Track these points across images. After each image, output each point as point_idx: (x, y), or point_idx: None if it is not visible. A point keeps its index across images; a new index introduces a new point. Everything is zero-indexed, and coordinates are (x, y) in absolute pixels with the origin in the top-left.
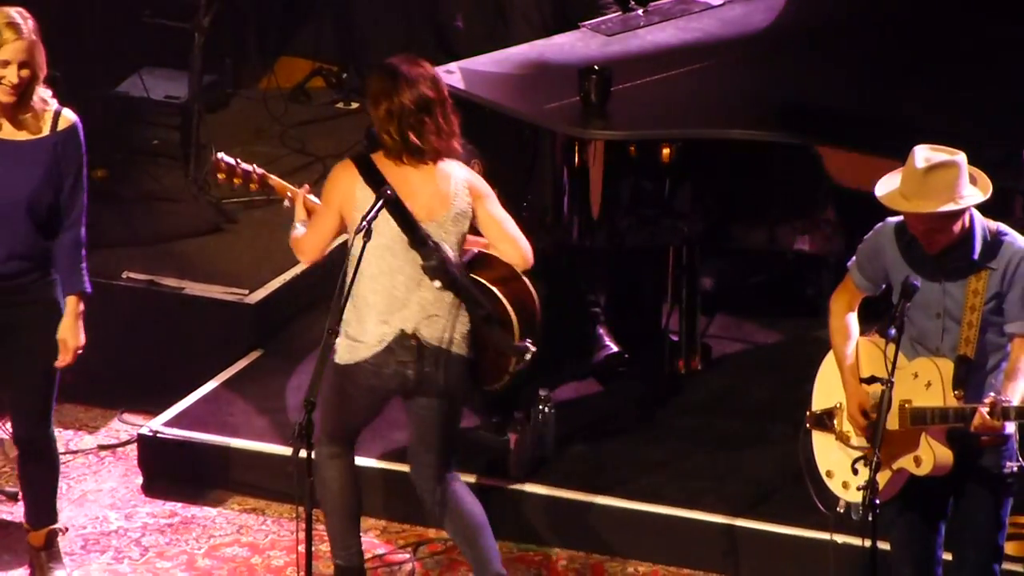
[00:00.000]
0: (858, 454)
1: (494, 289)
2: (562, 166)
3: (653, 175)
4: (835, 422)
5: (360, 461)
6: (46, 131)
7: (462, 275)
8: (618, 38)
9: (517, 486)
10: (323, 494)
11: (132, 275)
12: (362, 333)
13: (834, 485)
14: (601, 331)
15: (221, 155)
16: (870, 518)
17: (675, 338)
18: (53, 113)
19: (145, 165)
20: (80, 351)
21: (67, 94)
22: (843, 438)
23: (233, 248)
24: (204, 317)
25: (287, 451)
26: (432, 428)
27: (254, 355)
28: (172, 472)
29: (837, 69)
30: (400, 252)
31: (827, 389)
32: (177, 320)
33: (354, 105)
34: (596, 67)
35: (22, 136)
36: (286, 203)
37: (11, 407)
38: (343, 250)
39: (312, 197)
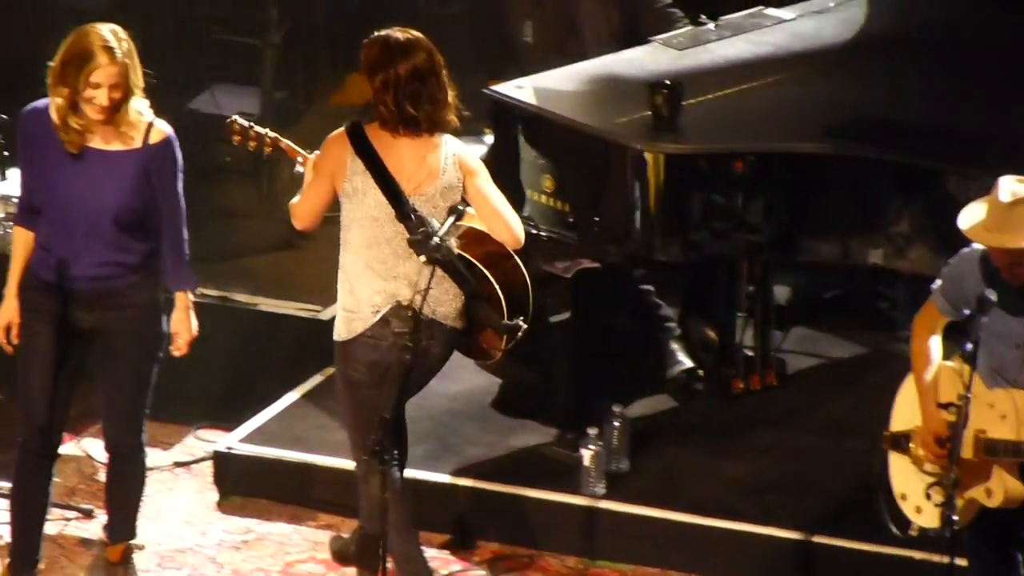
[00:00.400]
0: (931, 480)
1: (480, 266)
2: (633, 180)
3: (725, 189)
4: (911, 445)
5: (431, 476)
6: (137, 143)
7: (446, 251)
8: (689, 52)
9: (590, 502)
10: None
11: (206, 291)
12: (356, 304)
13: (907, 508)
14: (674, 346)
15: (236, 117)
16: (948, 535)
17: (749, 353)
18: (146, 125)
19: (217, 181)
20: (191, 340)
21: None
22: (918, 462)
23: (306, 264)
24: (278, 333)
25: None
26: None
27: (328, 371)
28: (247, 488)
29: (911, 82)
30: (387, 223)
31: (906, 410)
32: (251, 336)
33: None
34: (667, 81)
35: (114, 147)
36: (297, 168)
37: (103, 412)
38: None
39: (285, 140)
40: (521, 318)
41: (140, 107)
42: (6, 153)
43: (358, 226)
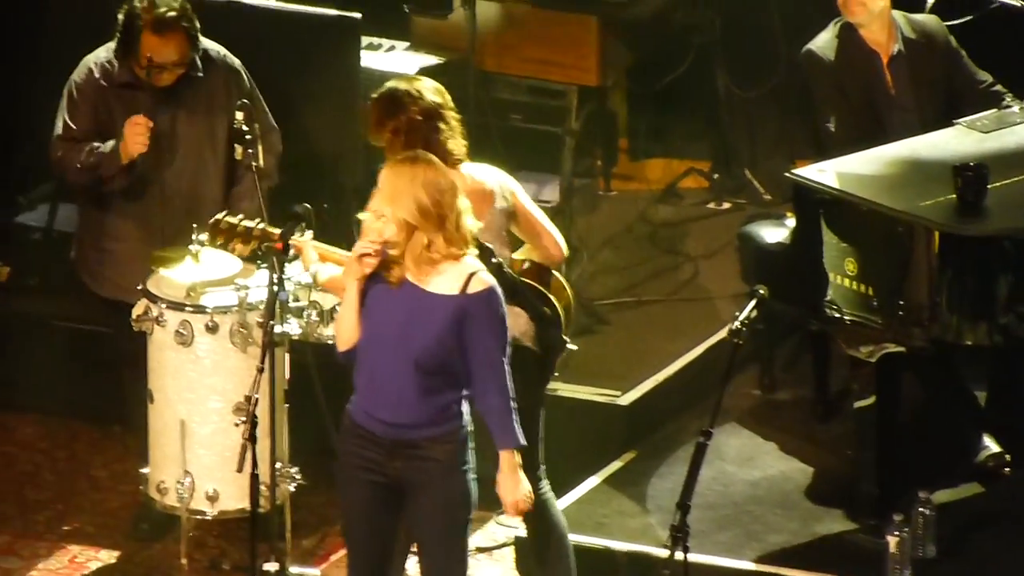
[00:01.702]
0: None
1: (540, 288)
2: (938, 263)
3: None
4: None
5: (734, 563)
6: (455, 290)
7: (511, 277)
8: (993, 135)
9: None
10: None
11: None
12: None
13: None
14: (981, 431)
15: (223, 216)
16: None
17: None
18: (468, 273)
19: None
20: (522, 503)
21: None
22: None
23: (605, 349)
24: (577, 418)
25: (662, 553)
26: None
27: (627, 456)
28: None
29: None
30: None
31: None
32: (550, 421)
33: (726, 205)
34: (972, 164)
35: (432, 287)
36: (312, 267)
37: (420, 567)
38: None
39: (320, 244)
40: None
41: (471, 258)
42: None
43: None
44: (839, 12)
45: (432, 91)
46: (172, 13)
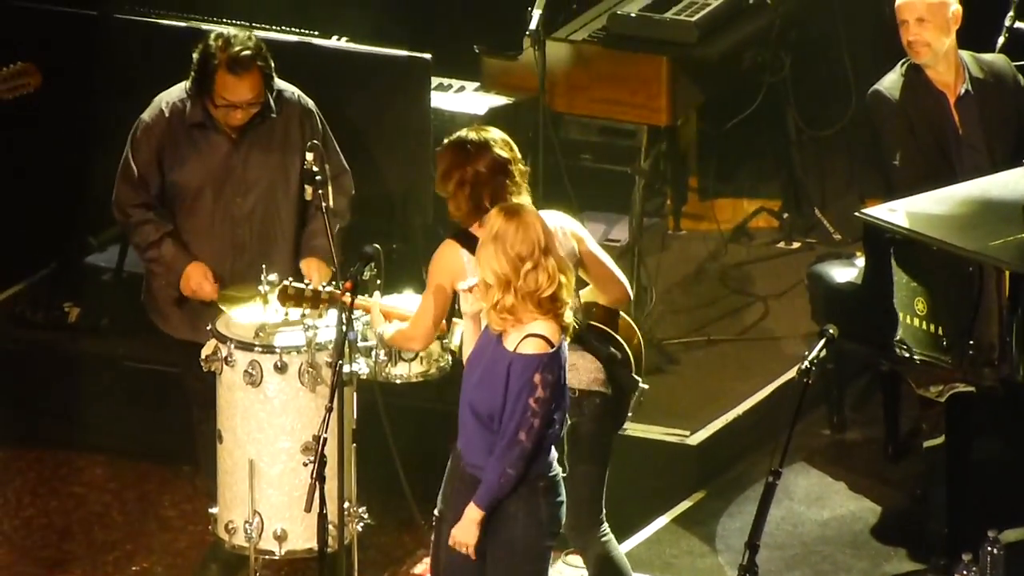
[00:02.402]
0: None
1: (608, 330)
2: (1008, 303)
3: None
4: None
5: None
6: (511, 346)
7: (579, 321)
8: None
9: None
10: None
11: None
12: None
13: None
14: None
15: (289, 281)
16: None
17: None
18: (526, 333)
19: None
20: (459, 548)
21: None
22: None
23: (674, 389)
24: (646, 458)
25: None
26: None
27: (697, 496)
28: None
29: None
30: None
31: None
32: (620, 461)
33: (795, 245)
34: None
35: (505, 340)
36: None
37: None
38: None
39: (384, 301)
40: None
41: (536, 323)
42: None
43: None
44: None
45: (500, 144)
46: (247, 52)
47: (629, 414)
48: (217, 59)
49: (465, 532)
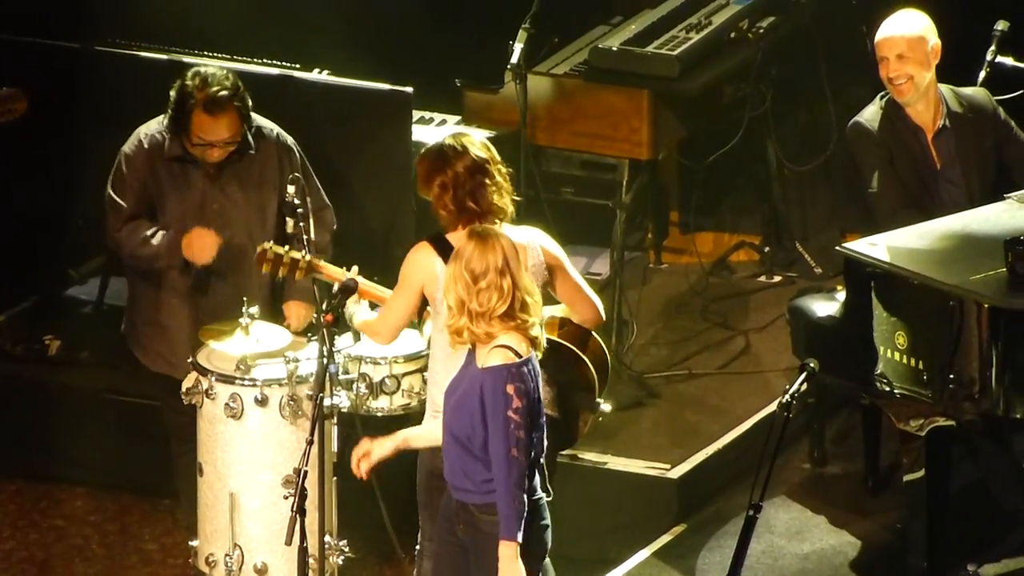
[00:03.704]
0: None
1: (575, 349)
2: (989, 337)
3: None
4: None
5: None
6: (481, 362)
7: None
8: None
9: None
10: None
11: None
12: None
13: None
14: None
15: (268, 245)
16: None
17: None
18: (493, 346)
19: None
20: None
21: None
22: None
23: (655, 422)
24: (627, 491)
25: None
26: None
27: (677, 530)
28: None
29: None
30: None
31: None
32: (601, 494)
33: (776, 279)
34: (1023, 238)
35: (479, 358)
36: (348, 307)
37: None
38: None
39: (362, 280)
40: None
41: (501, 336)
42: None
43: (441, 336)
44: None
45: (479, 146)
46: (224, 92)
47: (581, 433)
48: (194, 99)
49: (510, 571)
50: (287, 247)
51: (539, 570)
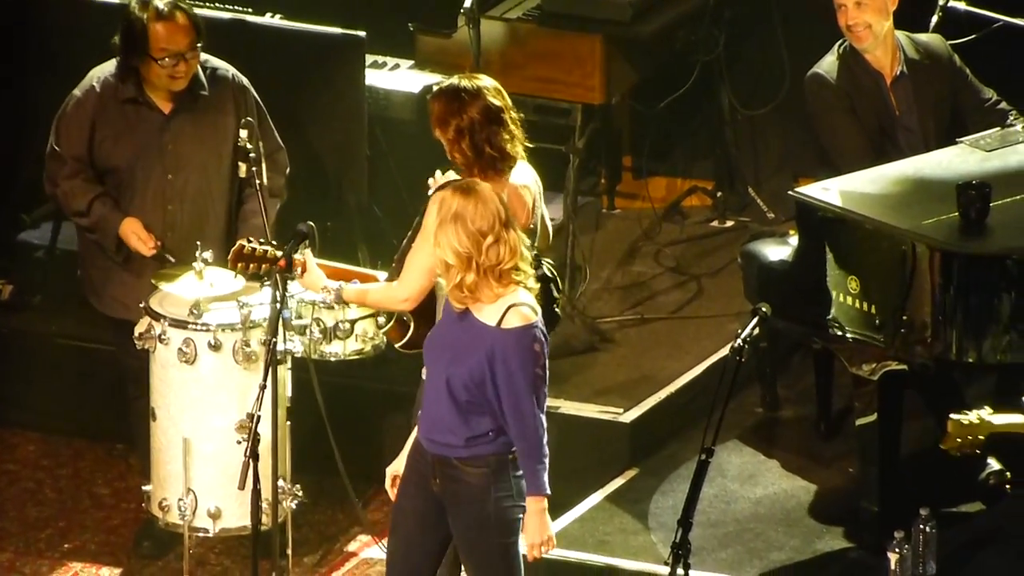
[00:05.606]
0: None
1: None
2: (941, 282)
3: None
4: None
5: None
6: (492, 321)
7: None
8: (997, 153)
9: None
10: None
11: None
12: None
13: None
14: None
15: (247, 242)
16: None
17: None
18: (508, 305)
19: None
20: (544, 547)
21: None
22: None
23: (608, 367)
24: (580, 435)
25: (663, 571)
26: None
27: (630, 474)
28: None
29: None
30: None
31: None
32: (553, 439)
33: (729, 223)
34: (975, 183)
35: (480, 315)
36: (296, 273)
37: None
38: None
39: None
40: None
41: (514, 293)
42: None
43: None
44: (842, 32)
45: (493, 92)
46: (169, 1)
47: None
48: (146, 16)
49: (536, 528)
50: (262, 241)
51: (522, 519)
